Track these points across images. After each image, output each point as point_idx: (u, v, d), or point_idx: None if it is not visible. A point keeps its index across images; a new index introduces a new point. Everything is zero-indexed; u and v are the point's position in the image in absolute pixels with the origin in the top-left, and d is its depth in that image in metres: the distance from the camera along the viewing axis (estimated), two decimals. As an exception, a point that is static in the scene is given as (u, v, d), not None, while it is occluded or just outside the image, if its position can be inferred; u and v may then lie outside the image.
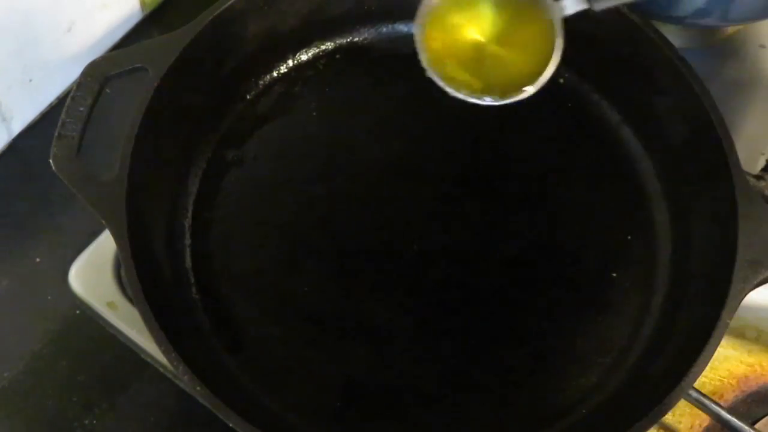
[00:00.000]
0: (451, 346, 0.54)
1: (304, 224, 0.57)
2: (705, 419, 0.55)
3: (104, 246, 0.58)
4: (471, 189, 0.59)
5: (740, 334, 0.59)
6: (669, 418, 0.55)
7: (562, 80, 0.62)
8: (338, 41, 0.62)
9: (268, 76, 0.61)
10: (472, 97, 0.47)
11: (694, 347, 0.47)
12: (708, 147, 0.52)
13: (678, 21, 0.60)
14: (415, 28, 0.46)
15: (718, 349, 0.47)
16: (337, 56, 0.62)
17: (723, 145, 0.51)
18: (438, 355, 0.54)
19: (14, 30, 0.60)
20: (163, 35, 0.53)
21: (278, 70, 0.61)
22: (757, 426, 0.55)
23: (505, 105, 0.60)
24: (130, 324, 0.56)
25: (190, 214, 0.57)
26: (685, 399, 0.50)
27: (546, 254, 0.57)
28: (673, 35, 0.56)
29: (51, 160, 0.49)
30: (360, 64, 0.62)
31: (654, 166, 0.59)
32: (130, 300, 0.55)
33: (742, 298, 0.48)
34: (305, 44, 0.62)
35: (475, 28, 0.45)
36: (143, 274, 0.47)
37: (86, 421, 0.57)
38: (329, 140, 0.60)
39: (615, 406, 0.51)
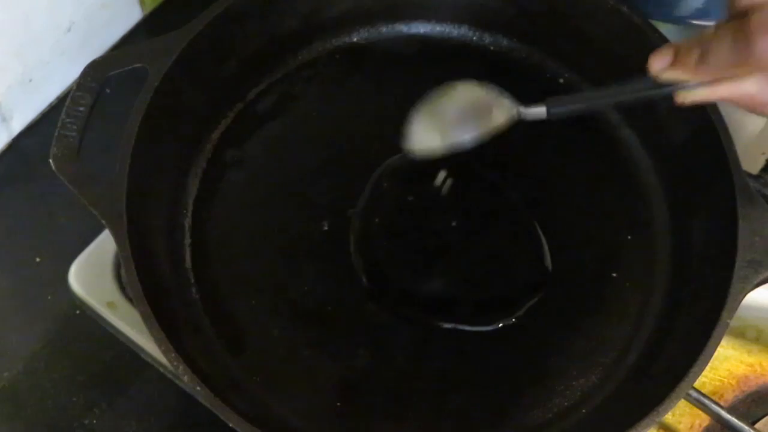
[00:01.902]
0: (451, 346, 0.54)
1: (303, 224, 0.57)
2: (705, 419, 0.55)
3: (104, 246, 0.58)
4: (470, 190, 0.59)
5: (740, 334, 0.59)
6: (669, 418, 0.55)
7: (562, 80, 0.62)
8: (338, 41, 0.63)
9: (268, 76, 0.61)
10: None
11: (694, 347, 0.47)
12: (708, 147, 0.52)
13: (678, 21, 0.60)
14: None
15: (718, 349, 0.47)
16: (337, 56, 0.62)
17: (723, 145, 0.51)
18: (438, 355, 0.54)
19: (14, 30, 0.60)
20: (163, 35, 0.53)
21: (278, 70, 0.61)
22: (757, 426, 0.55)
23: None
24: (130, 324, 0.56)
25: (190, 214, 0.57)
26: (685, 399, 0.50)
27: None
28: (673, 35, 0.56)
29: (51, 160, 0.49)
30: (360, 64, 0.63)
31: (654, 166, 0.59)
32: (130, 300, 0.55)
33: (742, 298, 0.48)
34: (305, 44, 0.62)
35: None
36: (143, 274, 0.47)
37: (86, 421, 0.57)
38: (329, 140, 0.60)
39: (615, 406, 0.51)
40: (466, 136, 0.45)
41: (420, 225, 0.57)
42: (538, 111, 0.44)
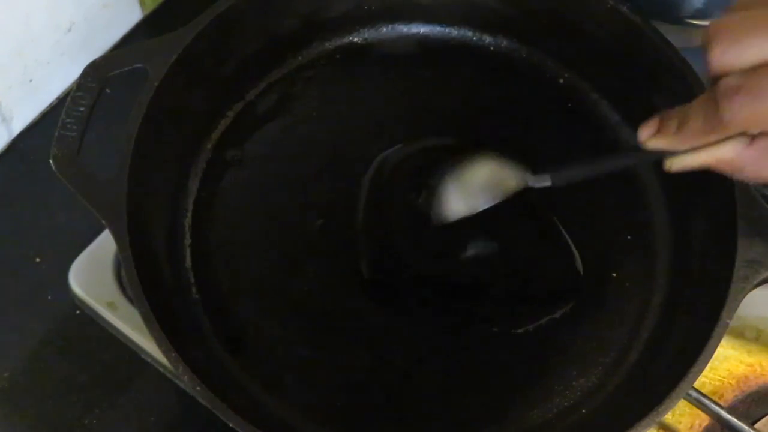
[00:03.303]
0: (451, 347, 0.54)
1: (304, 224, 0.57)
2: (705, 419, 0.55)
3: (104, 246, 0.58)
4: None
5: (740, 334, 0.59)
6: (669, 418, 0.55)
7: (562, 80, 0.62)
8: (338, 41, 0.63)
9: (268, 76, 0.61)
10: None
11: (694, 347, 0.47)
12: (708, 147, 0.52)
13: (678, 21, 0.60)
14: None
15: (718, 349, 0.47)
16: (337, 56, 0.62)
17: (723, 145, 0.51)
18: (438, 355, 0.54)
19: (14, 30, 0.60)
20: (163, 35, 0.53)
21: (278, 70, 0.61)
22: (756, 426, 0.55)
23: (505, 108, 0.60)
24: (130, 324, 0.56)
25: (190, 214, 0.57)
26: (685, 399, 0.50)
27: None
28: (673, 35, 0.56)
29: (51, 160, 0.49)
30: (360, 64, 0.63)
31: (654, 166, 0.59)
32: (130, 300, 0.55)
33: (742, 298, 0.48)
34: (305, 44, 0.62)
35: None
36: (143, 274, 0.46)
37: (86, 421, 0.57)
38: (329, 140, 0.60)
39: (615, 406, 0.51)
40: (483, 202, 0.51)
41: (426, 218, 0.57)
42: (544, 181, 0.49)
